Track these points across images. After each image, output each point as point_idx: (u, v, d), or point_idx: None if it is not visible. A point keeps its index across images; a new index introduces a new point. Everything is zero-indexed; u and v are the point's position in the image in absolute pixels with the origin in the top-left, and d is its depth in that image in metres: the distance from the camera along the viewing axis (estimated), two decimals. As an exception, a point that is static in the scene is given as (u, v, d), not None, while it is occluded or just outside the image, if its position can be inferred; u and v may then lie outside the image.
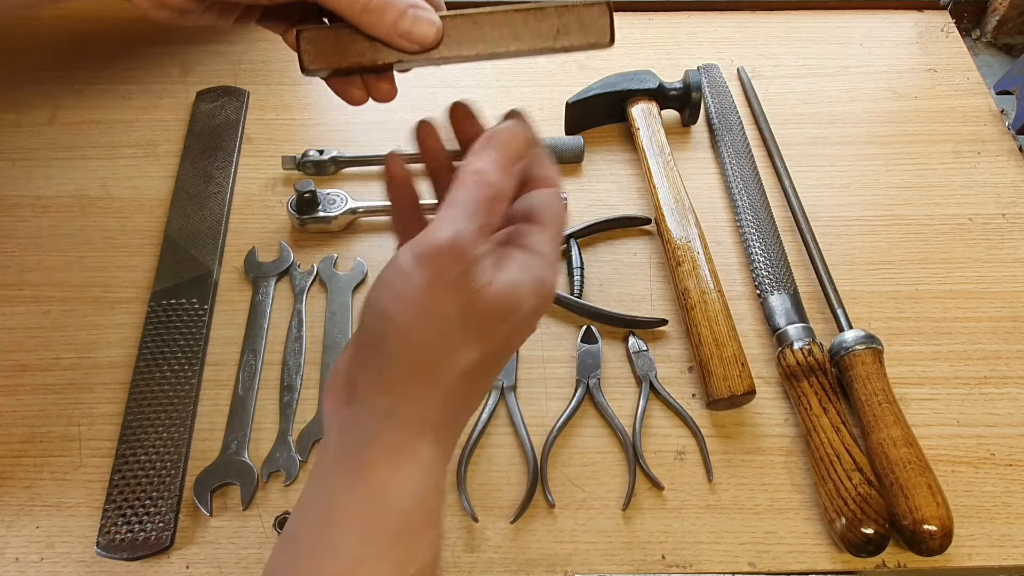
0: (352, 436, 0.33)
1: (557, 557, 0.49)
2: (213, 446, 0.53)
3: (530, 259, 0.34)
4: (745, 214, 0.63)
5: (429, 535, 0.33)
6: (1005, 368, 0.57)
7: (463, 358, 0.32)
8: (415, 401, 0.32)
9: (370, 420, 0.32)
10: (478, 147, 0.34)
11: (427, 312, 0.31)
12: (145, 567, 0.48)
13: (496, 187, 0.33)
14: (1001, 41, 0.93)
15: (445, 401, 0.33)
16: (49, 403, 0.55)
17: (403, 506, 0.32)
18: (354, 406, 0.33)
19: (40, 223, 0.64)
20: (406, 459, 0.32)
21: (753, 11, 0.82)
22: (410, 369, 0.32)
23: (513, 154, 0.34)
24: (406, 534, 0.32)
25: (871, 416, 0.51)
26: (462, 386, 0.33)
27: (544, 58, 0.77)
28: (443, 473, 0.34)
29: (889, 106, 0.73)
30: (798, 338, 0.54)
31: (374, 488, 0.32)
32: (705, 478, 0.52)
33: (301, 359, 0.56)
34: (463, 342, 0.32)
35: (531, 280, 0.33)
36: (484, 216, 0.32)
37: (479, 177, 0.33)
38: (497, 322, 0.33)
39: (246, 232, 0.64)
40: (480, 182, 0.33)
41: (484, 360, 0.33)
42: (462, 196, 0.32)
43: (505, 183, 0.33)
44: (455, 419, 0.35)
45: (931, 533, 0.46)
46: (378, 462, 0.32)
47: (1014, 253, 0.63)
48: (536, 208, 0.36)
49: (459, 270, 0.31)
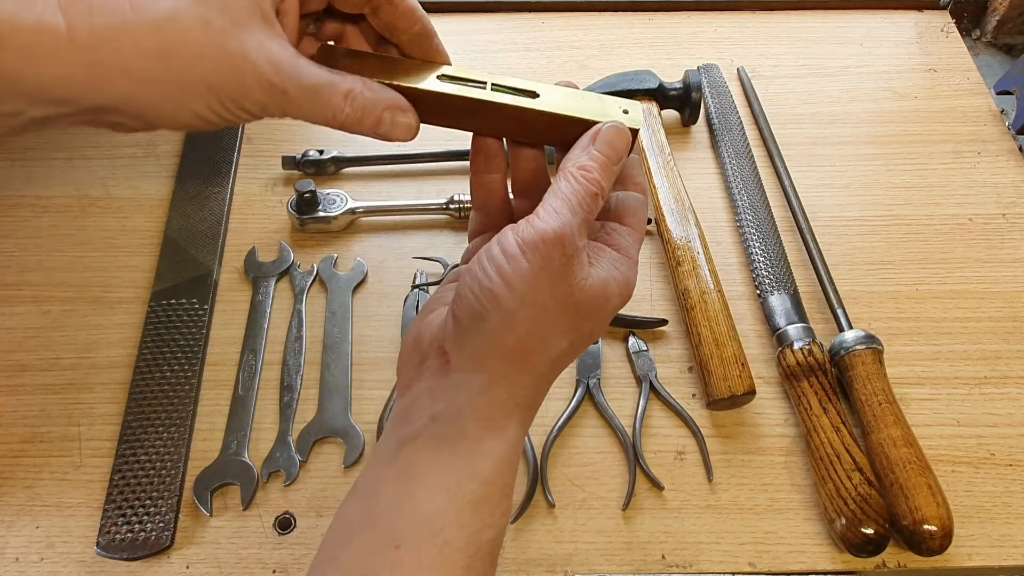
0: (444, 404, 0.34)
1: (557, 557, 0.49)
2: (213, 446, 0.53)
3: (620, 259, 0.35)
4: (745, 214, 0.63)
5: (504, 506, 0.34)
6: (1005, 368, 0.57)
7: (555, 346, 0.34)
8: (509, 382, 0.33)
9: (464, 392, 0.33)
10: (583, 143, 0.35)
11: (531, 297, 0.32)
12: (145, 567, 0.48)
13: (598, 183, 0.34)
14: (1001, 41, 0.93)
15: (536, 384, 0.34)
16: (49, 403, 0.55)
17: (486, 476, 0.33)
18: (449, 376, 0.34)
19: (40, 223, 0.64)
20: (495, 434, 0.33)
21: (753, 11, 0.82)
22: (509, 351, 0.33)
23: (615, 155, 0.35)
24: (486, 503, 0.33)
25: (871, 416, 0.51)
26: (549, 371, 0.35)
27: (544, 58, 0.77)
28: (521, 450, 0.36)
29: (889, 106, 0.73)
30: (798, 338, 0.54)
31: (462, 456, 0.33)
32: (705, 478, 0.52)
33: (301, 359, 0.56)
34: (558, 331, 0.33)
35: (620, 279, 0.35)
36: (587, 211, 0.33)
37: (584, 174, 0.34)
38: (588, 315, 0.34)
39: (246, 232, 0.64)
40: (585, 177, 0.34)
41: (571, 349, 0.35)
42: (567, 189, 0.33)
43: (606, 182, 0.34)
44: (538, 401, 0.36)
45: (931, 533, 0.46)
46: (469, 433, 0.33)
47: (1014, 253, 0.63)
48: (628, 209, 0.37)
49: (563, 261, 0.32)
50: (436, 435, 0.33)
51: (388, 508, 0.32)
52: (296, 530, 0.50)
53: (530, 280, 0.32)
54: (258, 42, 0.31)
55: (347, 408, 0.54)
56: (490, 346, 0.33)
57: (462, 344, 0.33)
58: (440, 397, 0.34)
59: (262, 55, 0.31)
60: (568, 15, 0.81)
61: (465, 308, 0.33)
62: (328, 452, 0.53)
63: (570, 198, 0.33)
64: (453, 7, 0.81)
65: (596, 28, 0.80)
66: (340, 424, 0.53)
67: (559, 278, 0.32)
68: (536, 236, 0.32)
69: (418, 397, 0.35)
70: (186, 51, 0.30)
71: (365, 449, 0.53)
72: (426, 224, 0.65)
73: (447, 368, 0.34)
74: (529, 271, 0.32)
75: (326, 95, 0.33)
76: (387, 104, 0.35)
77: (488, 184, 0.39)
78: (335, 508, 0.50)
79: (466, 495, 0.32)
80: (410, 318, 0.58)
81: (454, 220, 0.65)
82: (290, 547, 0.49)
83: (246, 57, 0.31)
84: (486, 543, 0.33)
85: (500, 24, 0.80)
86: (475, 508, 0.32)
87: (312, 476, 0.52)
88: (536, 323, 0.32)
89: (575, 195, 0.33)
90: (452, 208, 0.63)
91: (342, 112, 0.34)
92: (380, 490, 0.33)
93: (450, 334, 0.34)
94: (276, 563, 0.48)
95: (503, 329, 0.32)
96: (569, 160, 0.35)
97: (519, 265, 0.32)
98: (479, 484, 0.33)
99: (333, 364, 0.56)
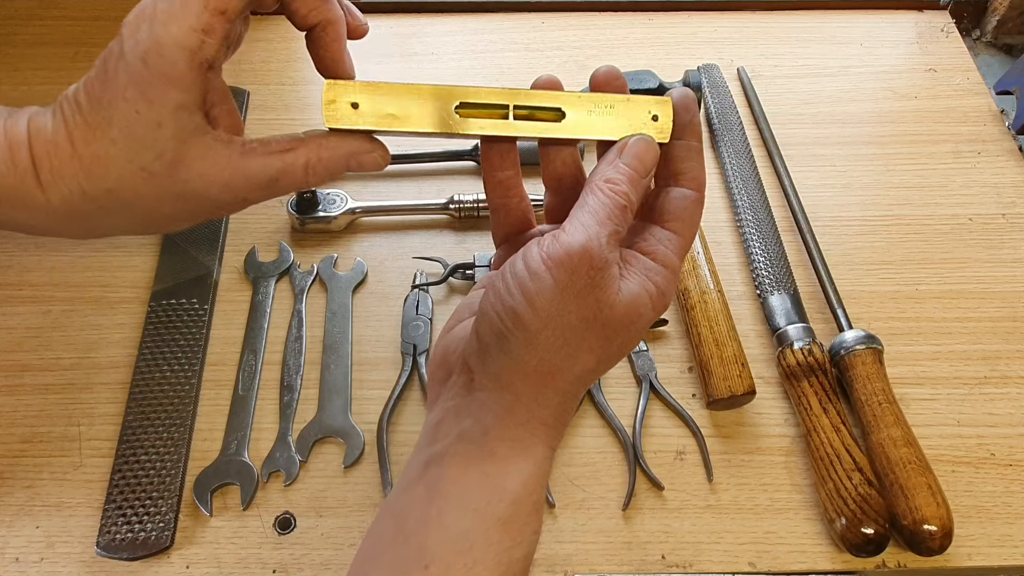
0: (471, 422, 0.33)
1: (557, 557, 0.49)
2: (213, 446, 0.53)
3: (654, 269, 0.34)
4: (745, 214, 0.63)
5: (533, 523, 0.33)
6: (1005, 368, 0.57)
7: (581, 365, 0.33)
8: (533, 402, 0.33)
9: (489, 412, 0.33)
10: (610, 157, 0.34)
11: (555, 317, 0.31)
12: (145, 567, 0.48)
13: (626, 196, 0.33)
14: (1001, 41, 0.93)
15: (561, 402, 0.34)
16: (49, 403, 0.55)
17: (515, 495, 0.33)
18: (474, 394, 0.34)
19: (40, 223, 0.64)
20: (522, 453, 0.33)
21: (753, 11, 0.82)
22: (532, 371, 0.32)
23: (643, 168, 0.34)
24: (515, 521, 0.32)
25: (871, 416, 0.51)
26: (575, 389, 0.34)
27: (544, 58, 0.77)
28: (550, 467, 0.35)
29: (889, 106, 0.73)
30: (798, 338, 0.54)
31: (491, 476, 0.33)
32: (705, 478, 0.52)
33: (301, 359, 0.56)
34: (584, 349, 0.32)
35: (652, 292, 0.33)
36: (616, 224, 0.32)
37: (612, 187, 0.33)
38: (617, 332, 0.33)
39: (246, 232, 0.64)
40: (613, 191, 0.33)
41: (598, 367, 0.34)
42: (594, 203, 0.32)
43: (636, 195, 0.33)
44: (565, 419, 0.35)
45: (931, 533, 0.46)
46: (496, 452, 0.33)
47: (1014, 253, 0.63)
48: (671, 210, 0.35)
49: (590, 277, 0.31)
50: (463, 454, 0.33)
51: (417, 527, 0.32)
52: (296, 530, 0.50)
53: (555, 298, 0.31)
54: (200, 170, 0.33)
55: (347, 408, 0.54)
56: (513, 367, 0.32)
57: (485, 363, 0.33)
58: (466, 415, 0.34)
59: (210, 181, 0.33)
60: (568, 15, 0.81)
61: (487, 327, 0.33)
62: (328, 452, 0.53)
63: (598, 211, 0.32)
64: (453, 7, 0.81)
65: (596, 28, 0.80)
66: (340, 424, 0.53)
67: (586, 295, 0.31)
68: (562, 251, 0.31)
69: (445, 416, 0.34)
70: (140, 204, 0.33)
71: (365, 449, 0.53)
72: (426, 224, 0.65)
73: (472, 386, 0.34)
74: (554, 288, 0.31)
75: (285, 182, 0.35)
76: (349, 153, 0.36)
77: (504, 181, 0.37)
78: (335, 508, 0.51)
79: (495, 514, 0.32)
80: (410, 318, 0.58)
81: (454, 220, 0.65)
82: (290, 547, 0.49)
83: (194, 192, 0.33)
84: (516, 561, 0.32)
85: (500, 24, 0.80)
86: (504, 527, 0.32)
87: (312, 476, 0.52)
88: (561, 343, 0.32)
89: (603, 208, 0.32)
90: (452, 208, 0.63)
91: (307, 183, 0.35)
92: (409, 508, 0.33)
93: (473, 352, 0.34)
94: (276, 563, 0.48)
95: (526, 350, 0.32)
96: (596, 173, 0.34)
97: (543, 283, 0.31)
98: (508, 503, 0.32)
99: (333, 364, 0.56)
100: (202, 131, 0.33)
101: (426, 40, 0.79)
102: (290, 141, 0.35)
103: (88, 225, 0.35)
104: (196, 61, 0.31)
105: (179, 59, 0.31)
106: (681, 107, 0.35)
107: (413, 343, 0.57)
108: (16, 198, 0.33)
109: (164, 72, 0.31)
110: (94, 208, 0.33)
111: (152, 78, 0.31)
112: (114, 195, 0.33)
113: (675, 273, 0.34)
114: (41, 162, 0.32)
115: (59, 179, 0.32)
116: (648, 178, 0.35)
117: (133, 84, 0.31)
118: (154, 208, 0.34)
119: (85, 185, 0.33)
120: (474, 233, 0.64)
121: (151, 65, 0.31)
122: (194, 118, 0.32)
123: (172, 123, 0.32)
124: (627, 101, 0.35)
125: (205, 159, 0.33)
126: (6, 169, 0.32)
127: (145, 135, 0.32)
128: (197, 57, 0.31)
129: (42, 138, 0.33)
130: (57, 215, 0.34)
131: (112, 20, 0.79)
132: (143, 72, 0.31)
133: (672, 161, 0.36)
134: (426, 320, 0.58)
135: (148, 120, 0.31)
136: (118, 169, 0.32)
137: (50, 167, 0.32)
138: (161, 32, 0.30)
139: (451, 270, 0.60)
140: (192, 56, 0.31)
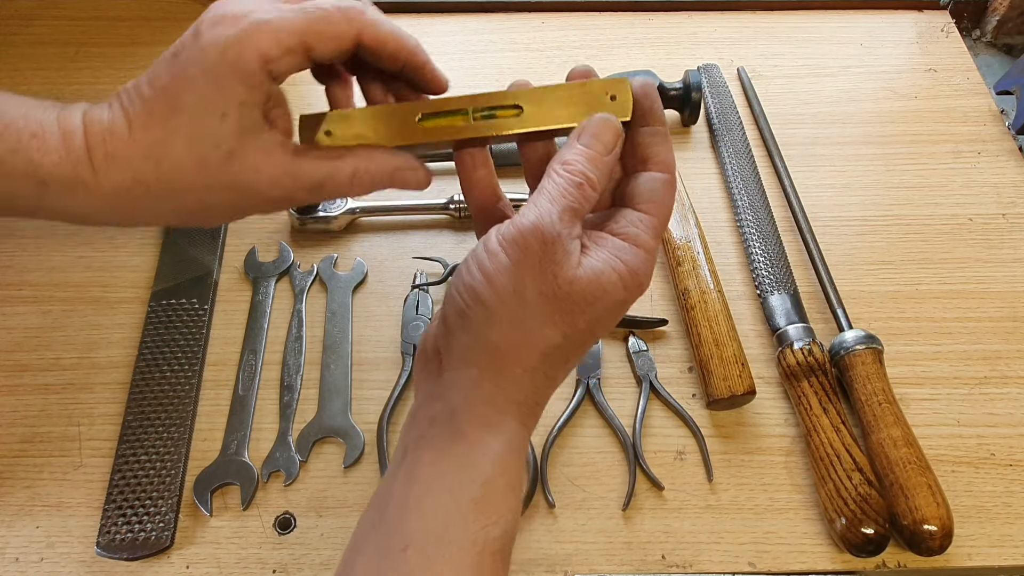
0: (441, 405, 0.34)
1: (557, 557, 0.49)
2: (213, 446, 0.53)
3: (623, 248, 0.34)
4: (745, 214, 0.63)
5: (509, 502, 0.34)
6: (1005, 368, 0.57)
7: (545, 339, 0.33)
8: (499, 376, 0.34)
9: (457, 391, 0.34)
10: (569, 140, 0.35)
11: (511, 292, 0.32)
12: (145, 567, 0.48)
13: (582, 175, 0.34)
14: (1001, 41, 0.93)
15: (530, 379, 0.34)
16: (49, 403, 0.55)
17: (486, 475, 0.33)
18: (443, 375, 0.35)
19: (40, 223, 0.64)
20: (491, 431, 0.34)
21: (753, 11, 0.82)
22: (493, 345, 0.33)
23: (602, 145, 0.35)
24: (488, 500, 0.33)
25: (871, 416, 0.51)
26: (544, 366, 0.34)
27: (544, 58, 0.77)
28: (526, 446, 0.36)
29: (889, 106, 0.73)
30: (798, 338, 0.54)
31: (461, 457, 0.33)
32: (705, 478, 0.52)
33: (301, 359, 0.56)
34: (546, 324, 0.33)
35: (620, 269, 0.34)
36: (569, 200, 0.33)
37: (565, 167, 0.34)
38: (581, 307, 0.33)
39: (246, 232, 0.64)
40: (567, 170, 0.34)
41: (566, 344, 0.34)
42: (548, 185, 0.34)
43: (594, 172, 0.34)
44: (536, 398, 0.35)
45: (931, 533, 0.46)
46: (466, 433, 0.34)
47: (1014, 253, 0.63)
48: (641, 193, 0.36)
49: (543, 252, 0.32)
50: (435, 437, 0.34)
51: (396, 512, 0.33)
52: (296, 530, 0.50)
53: (510, 274, 0.32)
54: (254, 164, 0.34)
55: (347, 408, 0.54)
56: (475, 344, 0.33)
57: (450, 343, 0.34)
58: (436, 398, 0.35)
59: (261, 176, 0.35)
60: (568, 15, 0.81)
61: (451, 307, 0.34)
62: (328, 452, 0.53)
63: (551, 191, 0.33)
64: (453, 7, 0.81)
65: (596, 28, 0.80)
66: (340, 424, 0.53)
67: (542, 269, 0.32)
68: (514, 230, 0.32)
69: (422, 402, 0.36)
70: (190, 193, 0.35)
71: (365, 449, 0.53)
72: (426, 224, 0.65)
73: (441, 368, 0.35)
74: (508, 265, 0.32)
75: (330, 187, 0.36)
76: (395, 168, 0.38)
77: (479, 181, 0.39)
78: (335, 508, 0.51)
79: (468, 494, 0.33)
80: (410, 318, 0.58)
81: (454, 220, 0.65)
82: (290, 547, 0.49)
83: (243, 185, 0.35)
84: (493, 540, 0.33)
85: (500, 24, 0.80)
86: (478, 507, 0.33)
87: (312, 476, 0.52)
88: (519, 316, 0.33)
89: (556, 187, 0.33)
90: (452, 208, 0.63)
91: (350, 192, 0.37)
92: (390, 495, 0.34)
93: (440, 334, 0.35)
94: (276, 563, 0.48)
95: (485, 324, 0.33)
96: (554, 159, 0.35)
97: (499, 261, 0.32)
98: (480, 484, 0.33)
99: (333, 364, 0.56)
100: (260, 129, 0.34)
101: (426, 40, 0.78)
102: (339, 150, 0.36)
103: (136, 212, 0.36)
104: (268, 69, 0.33)
105: (254, 61, 0.32)
106: (641, 95, 0.36)
107: (413, 343, 0.57)
108: (68, 184, 0.34)
109: (239, 68, 0.32)
110: (144, 194, 0.34)
111: (226, 70, 0.32)
112: (167, 182, 0.34)
113: (649, 252, 0.35)
114: (96, 148, 0.33)
115: (113, 164, 0.34)
116: (612, 155, 0.35)
117: (205, 74, 0.32)
118: (202, 198, 0.35)
119: (139, 170, 0.34)
120: (474, 233, 0.64)
121: (228, 59, 0.32)
122: (254, 115, 0.34)
123: (236, 116, 0.33)
124: (582, 87, 0.36)
125: (259, 155, 0.34)
126: (59, 157, 0.33)
127: (209, 124, 0.33)
128: (270, 67, 0.33)
129: (98, 127, 0.34)
130: (107, 200, 0.34)
131: (112, 20, 0.78)
132: (219, 63, 0.32)
133: (639, 148, 0.36)
134: (426, 320, 0.58)
135: (214, 110, 0.33)
136: (176, 156, 0.33)
137: (105, 152, 0.33)
138: (248, 34, 0.32)
139: (451, 270, 0.60)
140: (266, 64, 0.33)
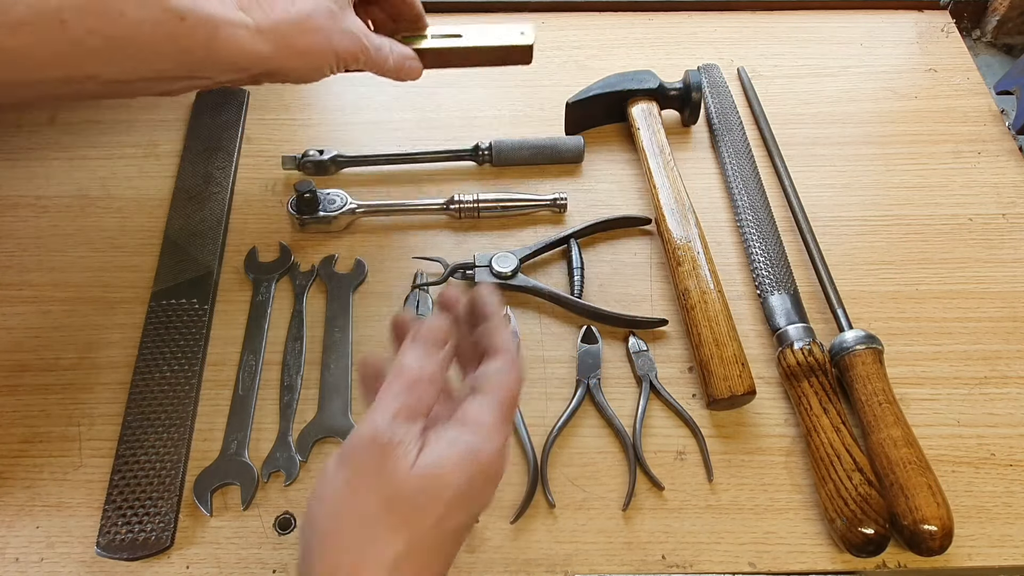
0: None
1: (557, 557, 0.49)
2: (213, 446, 0.53)
3: (462, 432, 0.35)
4: (745, 214, 0.63)
5: None
6: (1005, 368, 0.57)
7: (385, 550, 0.32)
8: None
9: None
10: (404, 345, 0.37)
11: (344, 511, 0.33)
12: (145, 567, 0.48)
13: (416, 372, 0.35)
14: (1001, 41, 0.93)
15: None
16: (49, 403, 0.55)
17: None
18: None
19: (40, 223, 0.64)
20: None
21: (753, 11, 0.82)
22: (329, 572, 0.32)
23: (430, 345, 0.37)
24: None
25: (871, 416, 0.51)
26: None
27: (544, 58, 0.77)
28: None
29: (889, 106, 0.73)
30: (798, 338, 0.54)
31: None
32: (705, 478, 0.52)
33: (301, 359, 0.56)
34: (385, 532, 0.32)
35: (459, 454, 0.34)
36: (404, 399, 0.34)
37: (398, 369, 0.36)
38: (423, 504, 0.33)
39: (246, 232, 0.64)
40: (400, 371, 0.35)
41: (415, 550, 0.33)
42: (383, 390, 0.35)
43: (428, 368, 0.36)
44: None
45: (931, 533, 0.46)
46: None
47: (1014, 253, 0.63)
48: (480, 378, 0.38)
49: (381, 457, 0.32)
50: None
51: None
52: (296, 530, 0.50)
53: (343, 492, 0.33)
54: (353, 20, 0.48)
55: (347, 408, 0.54)
56: (312, 571, 0.33)
57: (300, 572, 0.34)
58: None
59: (358, 27, 0.48)
60: (568, 15, 0.81)
61: (300, 535, 0.35)
62: (328, 452, 0.53)
63: (383, 397, 0.34)
64: (453, 7, 0.81)
65: (596, 28, 0.80)
66: (340, 424, 0.53)
67: (376, 477, 0.33)
68: (350, 446, 0.34)
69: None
70: (324, 32, 0.45)
71: (365, 449, 0.53)
72: (426, 224, 0.65)
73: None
74: (341, 485, 0.33)
75: (384, 51, 0.51)
76: (405, 55, 0.53)
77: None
78: (335, 508, 0.51)
79: None
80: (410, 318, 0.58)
81: (454, 220, 0.65)
82: (290, 547, 0.49)
83: (352, 31, 0.47)
84: None
85: (500, 24, 0.80)
86: None
87: (312, 476, 0.52)
88: (354, 533, 0.32)
89: (388, 392, 0.35)
90: (452, 208, 0.64)
91: (388, 61, 0.51)
92: None
93: (300, 565, 0.35)
94: (276, 563, 0.48)
95: (320, 551, 0.33)
96: (391, 368, 0.36)
97: (331, 484, 0.33)
98: None
99: (333, 364, 0.56)
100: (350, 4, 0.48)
101: (426, 40, 0.79)
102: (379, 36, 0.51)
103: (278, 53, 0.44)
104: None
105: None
106: (479, 302, 0.40)
107: (413, 343, 0.57)
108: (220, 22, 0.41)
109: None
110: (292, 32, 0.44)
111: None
112: (307, 21, 0.44)
113: (491, 430, 0.35)
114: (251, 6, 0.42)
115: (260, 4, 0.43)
116: (447, 346, 0.37)
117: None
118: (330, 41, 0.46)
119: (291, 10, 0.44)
120: (474, 233, 0.64)
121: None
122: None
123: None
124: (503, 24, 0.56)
125: (352, 15, 0.48)
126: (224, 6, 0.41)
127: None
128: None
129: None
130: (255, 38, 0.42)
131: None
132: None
133: (480, 341, 0.39)
134: (426, 320, 0.58)
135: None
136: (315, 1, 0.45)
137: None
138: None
139: (451, 270, 0.60)
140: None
